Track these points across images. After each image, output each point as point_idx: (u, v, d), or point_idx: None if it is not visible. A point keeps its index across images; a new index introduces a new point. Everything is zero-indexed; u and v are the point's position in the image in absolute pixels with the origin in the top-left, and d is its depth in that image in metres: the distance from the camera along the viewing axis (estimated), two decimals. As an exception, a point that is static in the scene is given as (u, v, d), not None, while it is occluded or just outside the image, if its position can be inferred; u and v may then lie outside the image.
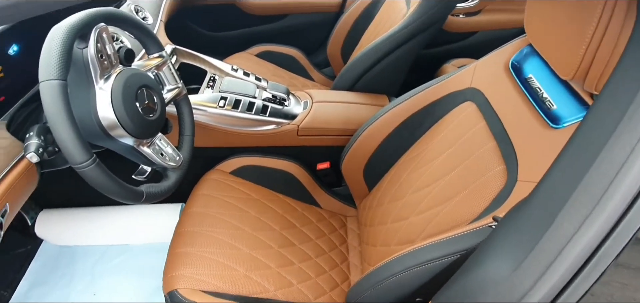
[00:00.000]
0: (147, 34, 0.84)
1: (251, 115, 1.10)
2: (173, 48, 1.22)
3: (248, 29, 1.97)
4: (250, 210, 0.99)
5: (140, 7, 1.24)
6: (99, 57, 0.68)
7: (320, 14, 1.90)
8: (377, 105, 1.21)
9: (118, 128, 0.70)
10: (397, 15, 1.31)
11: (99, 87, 0.69)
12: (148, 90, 0.77)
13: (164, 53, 0.87)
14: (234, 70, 1.27)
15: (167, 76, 0.89)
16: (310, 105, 1.17)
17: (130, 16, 0.79)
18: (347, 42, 1.66)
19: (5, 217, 0.69)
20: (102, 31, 0.69)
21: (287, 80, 1.63)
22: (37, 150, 0.68)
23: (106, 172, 0.65)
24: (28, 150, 0.68)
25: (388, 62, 1.22)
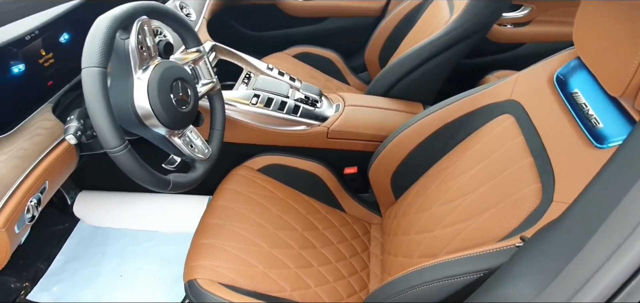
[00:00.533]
0: (186, 28, 0.87)
1: (282, 114, 1.12)
2: (213, 44, 1.26)
3: (288, 29, 2.01)
4: (274, 209, 1.00)
5: (184, 4, 1.29)
6: (139, 48, 0.72)
7: (361, 18, 1.90)
8: (410, 112, 1.18)
9: (152, 117, 0.74)
10: (440, 22, 1.28)
11: (137, 76, 0.73)
12: (183, 82, 0.80)
13: (201, 48, 0.90)
14: (269, 69, 1.29)
15: (203, 70, 0.92)
16: (342, 108, 1.17)
17: (171, 10, 0.82)
18: (386, 47, 1.65)
19: (44, 194, 0.75)
20: (144, 24, 0.73)
21: (322, 83, 1.63)
22: (76, 132, 0.73)
23: (137, 158, 0.68)
24: (67, 132, 0.73)
25: (426, 70, 1.20)
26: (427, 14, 1.45)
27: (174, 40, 1.09)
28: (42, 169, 0.72)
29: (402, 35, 1.56)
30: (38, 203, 0.72)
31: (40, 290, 1.11)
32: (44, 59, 0.79)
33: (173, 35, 1.11)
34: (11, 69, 0.72)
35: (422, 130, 0.91)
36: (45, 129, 0.76)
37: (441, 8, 1.34)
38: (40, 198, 0.73)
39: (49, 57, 0.80)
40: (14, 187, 0.66)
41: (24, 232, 0.71)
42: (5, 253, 0.66)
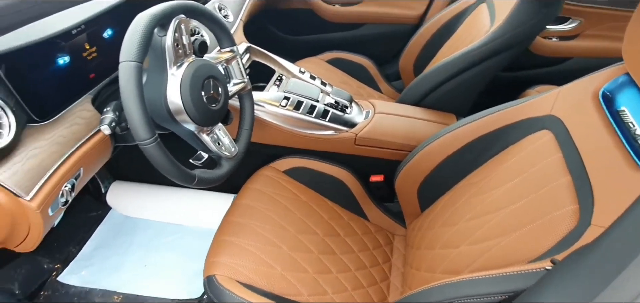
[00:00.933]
0: (221, 28, 0.90)
1: (311, 118, 1.12)
2: (247, 46, 1.29)
3: (323, 34, 2.02)
4: (297, 212, 1.00)
5: (223, 5, 1.33)
6: (175, 45, 0.75)
7: (397, 25, 1.88)
8: (442, 123, 1.15)
9: (182, 113, 0.76)
10: (480, 31, 1.24)
11: (171, 73, 0.76)
12: (214, 81, 0.82)
13: (235, 48, 0.92)
14: (301, 72, 1.30)
15: (235, 70, 0.94)
16: (371, 115, 1.16)
17: (208, 10, 0.85)
18: (422, 55, 1.62)
19: (79, 180, 0.79)
20: (181, 22, 0.76)
21: (354, 89, 1.63)
22: (110, 123, 0.76)
23: (165, 152, 0.70)
24: (103, 122, 0.77)
25: (462, 80, 1.16)
26: (467, 23, 1.41)
27: (210, 41, 1.13)
28: (77, 156, 0.76)
29: (439, 44, 1.52)
30: (72, 189, 0.76)
31: (70, 273, 1.16)
32: (88, 53, 0.84)
33: (210, 35, 1.15)
34: (57, 60, 0.77)
35: (454, 142, 0.89)
36: (83, 119, 0.80)
37: (482, 17, 1.30)
38: (74, 184, 0.76)
39: (93, 51, 0.85)
40: (51, 171, 0.70)
41: (58, 215, 0.75)
42: (39, 234, 0.70)
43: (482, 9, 1.36)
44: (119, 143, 0.90)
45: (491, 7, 1.29)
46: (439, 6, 1.75)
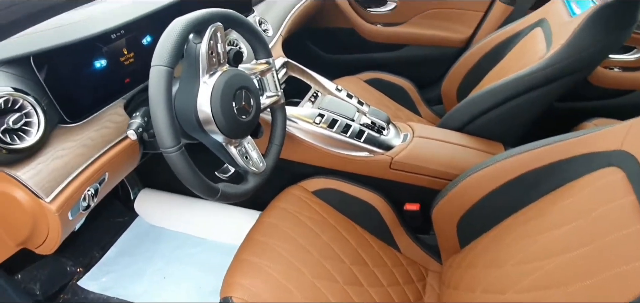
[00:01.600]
0: (258, 39, 0.88)
1: (345, 138, 1.07)
2: (285, 61, 1.27)
3: (362, 54, 1.99)
4: (323, 235, 0.94)
5: (264, 20, 1.33)
6: (209, 53, 0.73)
7: (441, 48, 1.82)
8: (488, 152, 1.07)
9: (211, 123, 0.74)
10: (533, 56, 1.15)
11: (204, 81, 0.74)
12: (247, 92, 0.80)
13: (270, 60, 0.90)
14: (338, 90, 1.27)
15: (269, 83, 0.92)
16: (410, 139, 1.10)
17: (245, 20, 0.83)
18: (467, 80, 1.54)
19: (103, 185, 0.78)
20: (217, 30, 0.74)
21: (392, 111, 1.57)
22: (137, 129, 0.75)
23: (188, 162, 0.68)
24: (130, 127, 0.76)
25: (511, 107, 1.08)
26: (519, 48, 1.32)
27: (247, 52, 1.12)
28: (103, 161, 0.75)
29: (486, 68, 1.44)
30: (95, 194, 0.75)
31: (91, 279, 1.17)
32: (125, 58, 0.84)
33: (247, 47, 1.14)
34: (94, 63, 0.77)
35: (502, 173, 0.80)
36: (113, 123, 0.80)
37: (536, 41, 1.22)
38: (98, 188, 0.75)
39: (130, 57, 0.85)
40: (74, 174, 0.69)
41: (78, 219, 0.74)
42: (57, 237, 0.68)
43: (537, 33, 1.27)
44: (147, 150, 0.89)
45: (547, 31, 1.20)
46: (488, 30, 1.68)
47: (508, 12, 1.63)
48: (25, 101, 0.63)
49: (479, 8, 1.73)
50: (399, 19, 1.86)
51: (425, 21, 1.83)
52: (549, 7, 1.30)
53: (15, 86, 0.63)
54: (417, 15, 1.84)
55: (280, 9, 1.46)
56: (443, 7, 1.78)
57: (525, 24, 1.38)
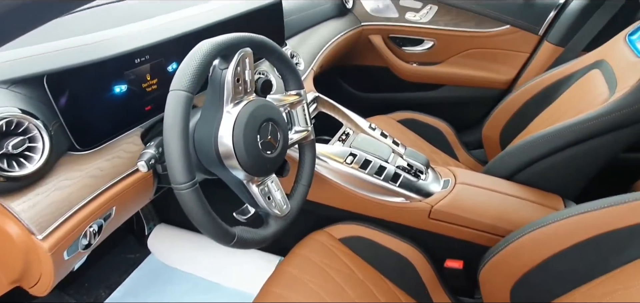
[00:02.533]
0: (289, 68, 0.81)
1: (379, 181, 0.97)
2: (316, 95, 1.21)
3: (396, 93, 1.91)
4: (351, 291, 0.83)
5: (296, 53, 1.29)
6: (235, 80, 0.67)
7: (482, 89, 1.71)
8: (546, 206, 0.93)
9: (232, 157, 0.67)
10: (593, 100, 1.03)
11: (227, 110, 0.67)
12: (274, 125, 0.72)
13: (301, 92, 0.83)
14: (371, 128, 1.18)
15: (298, 117, 0.84)
16: (452, 185, 0.98)
17: (276, 47, 0.77)
18: (511, 124, 1.42)
19: (109, 221, 0.70)
20: (246, 56, 0.68)
21: (428, 154, 1.45)
22: (149, 160, 0.68)
23: (202, 202, 0.60)
24: (141, 158, 0.69)
25: (570, 155, 0.95)
26: (574, 91, 1.20)
27: (276, 83, 1.06)
28: (111, 194, 0.68)
29: (534, 112, 1.32)
30: (99, 231, 0.68)
31: (92, 321, 1.09)
32: (148, 84, 0.79)
33: (278, 79, 1.08)
34: (113, 87, 0.72)
35: (571, 234, 0.67)
36: (127, 153, 0.73)
37: (595, 84, 1.10)
38: (102, 225, 0.68)
39: (153, 83, 0.80)
40: (75, 208, 0.62)
41: (76, 259, 0.66)
42: (49, 279, 0.61)
43: (595, 75, 1.15)
44: (162, 184, 0.82)
45: (609, 73, 1.08)
46: (534, 72, 1.56)
47: (557, 53, 1.51)
48: (31, 124, 0.58)
49: (524, 49, 1.63)
50: (436, 58, 1.78)
51: (465, 61, 1.74)
52: (608, 47, 1.19)
53: (23, 107, 0.58)
54: (456, 55, 1.76)
55: (313, 43, 1.42)
56: (485, 47, 1.69)
57: (580, 66, 1.26)
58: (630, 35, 1.15)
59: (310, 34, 1.44)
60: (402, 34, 1.78)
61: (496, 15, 1.65)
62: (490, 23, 1.66)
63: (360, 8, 1.77)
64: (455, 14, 1.69)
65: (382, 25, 1.77)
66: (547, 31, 1.57)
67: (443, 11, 1.70)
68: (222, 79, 0.67)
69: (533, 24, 1.59)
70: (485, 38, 1.69)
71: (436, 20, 1.72)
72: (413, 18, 1.74)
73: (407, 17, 1.74)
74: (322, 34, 1.48)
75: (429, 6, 1.71)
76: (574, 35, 1.47)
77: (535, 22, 1.59)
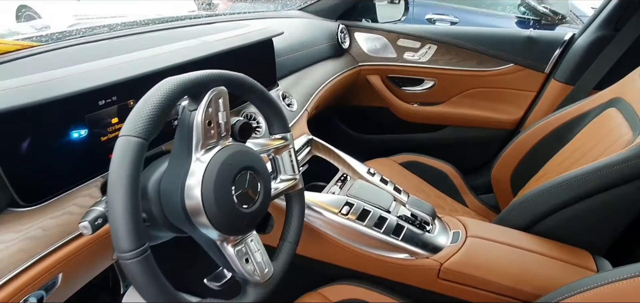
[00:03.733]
0: (272, 109, 0.71)
1: (379, 234, 0.85)
2: (310, 138, 1.11)
3: (397, 135, 1.81)
4: None
5: (288, 94, 1.19)
6: (205, 123, 0.56)
7: (488, 130, 1.61)
8: (575, 265, 0.80)
9: (200, 214, 0.55)
10: (616, 142, 0.92)
11: (197, 157, 0.56)
12: (253, 174, 0.61)
13: (287, 136, 0.72)
14: (370, 174, 1.06)
15: (284, 163, 0.73)
16: (462, 239, 0.85)
17: (255, 85, 0.67)
18: (523, 166, 1.30)
19: (52, 292, 0.57)
20: (219, 96, 0.58)
21: (433, 199, 1.33)
22: (95, 220, 0.55)
23: (153, 274, 0.47)
24: (85, 217, 0.55)
25: (597, 203, 0.82)
26: (590, 131, 1.09)
27: (266, 126, 0.95)
28: (54, 259, 0.56)
29: (546, 154, 1.21)
30: (39, 303, 0.55)
31: None
32: (113, 129, 0.68)
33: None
34: (71, 132, 0.61)
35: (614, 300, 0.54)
36: (81, 208, 0.61)
37: (615, 123, 0.99)
38: (42, 297, 0.55)
39: (119, 128, 0.69)
40: (5, 278, 0.50)
41: None
42: None
43: (613, 114, 1.05)
44: None
45: (629, 112, 0.97)
46: (543, 111, 1.46)
47: (567, 91, 1.42)
48: None
49: (530, 87, 1.54)
50: (438, 98, 1.69)
51: (468, 101, 1.65)
52: (624, 84, 1.09)
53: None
54: (458, 95, 1.67)
55: (308, 84, 1.33)
56: (489, 86, 1.60)
57: (593, 105, 1.16)
58: (648, 71, 1.06)
59: (305, 75, 1.36)
60: (401, 74, 1.70)
61: (498, 54, 1.57)
62: (493, 62, 1.58)
63: (357, 48, 1.71)
64: (455, 53, 1.62)
65: (380, 66, 1.70)
66: (553, 69, 1.49)
67: (443, 50, 1.63)
68: (191, 122, 0.56)
69: (538, 62, 1.51)
70: (488, 77, 1.61)
71: (436, 60, 1.64)
72: (412, 58, 1.66)
73: (406, 57, 1.67)
74: (317, 74, 1.40)
75: (428, 46, 1.64)
76: (583, 73, 1.38)
77: (540, 59, 1.51)
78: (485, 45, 1.57)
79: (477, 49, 1.58)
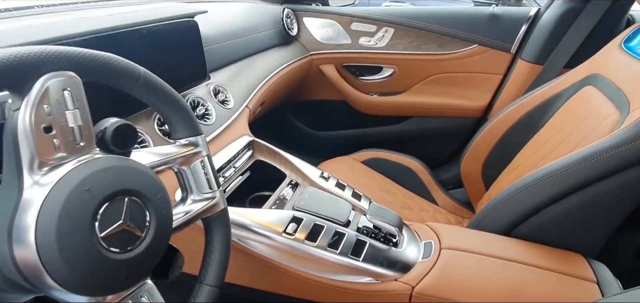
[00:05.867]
0: (169, 104, 0.51)
1: (334, 256, 0.69)
2: (251, 140, 0.93)
3: (357, 130, 1.66)
4: None
5: (222, 88, 1.01)
6: (40, 128, 0.37)
7: (454, 119, 1.49)
8: (569, 275, 0.67)
9: (39, 272, 0.36)
10: (599, 125, 0.81)
11: (34, 180, 0.37)
12: (135, 201, 0.41)
13: (198, 140, 0.54)
14: (324, 178, 0.90)
15: (196, 177, 0.54)
16: (436, 252, 0.71)
17: (131, 68, 0.46)
18: (493, 157, 1.19)
19: None
20: (64, 86, 0.39)
21: (400, 200, 1.19)
22: None
23: None
24: None
25: (585, 199, 0.70)
26: (566, 113, 0.99)
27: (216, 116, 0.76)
28: None
29: (519, 142, 1.11)
30: None
31: None
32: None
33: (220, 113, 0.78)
34: None
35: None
36: None
37: (595, 104, 0.88)
38: None
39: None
40: None
41: None
42: None
43: (589, 93, 0.95)
44: None
45: (610, 89, 0.87)
46: (511, 95, 1.36)
47: (536, 72, 1.32)
48: None
49: (496, 70, 1.44)
50: (398, 86, 1.56)
51: (431, 88, 1.53)
52: (599, 60, 1.00)
53: None
54: (420, 82, 1.54)
55: (249, 76, 1.15)
56: (452, 71, 1.49)
57: (566, 84, 1.06)
58: (627, 42, 0.96)
59: (246, 66, 1.17)
60: (357, 61, 1.55)
61: (460, 35, 1.46)
62: (454, 43, 1.47)
63: (308, 35, 1.54)
64: (414, 36, 1.49)
65: (333, 54, 1.54)
66: (520, 48, 1.39)
67: (400, 33, 1.50)
68: (15, 127, 0.37)
69: (503, 41, 1.41)
70: (451, 61, 1.49)
71: (394, 44, 1.51)
72: (368, 43, 1.52)
73: (361, 43, 1.52)
74: (260, 65, 1.22)
75: (385, 29, 1.50)
76: (552, 51, 1.29)
77: (505, 39, 1.41)
78: (445, 26, 1.45)
79: (437, 29, 1.46)
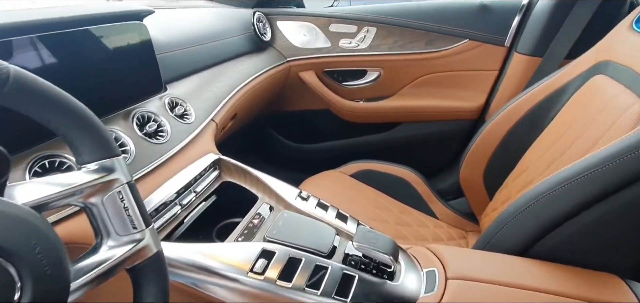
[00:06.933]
0: (64, 115, 0.38)
1: (315, 298, 0.56)
2: (217, 158, 0.81)
3: (344, 140, 1.55)
4: None
5: (181, 100, 0.88)
6: None
7: (449, 122, 1.38)
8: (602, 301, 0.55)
9: None
10: (619, 117, 0.71)
11: None
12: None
13: (113, 163, 0.41)
14: (302, 198, 0.78)
15: (113, 215, 0.41)
16: (442, 283, 0.59)
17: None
18: (496, 161, 1.09)
19: None
20: None
21: (395, 215, 1.08)
22: None
23: None
24: None
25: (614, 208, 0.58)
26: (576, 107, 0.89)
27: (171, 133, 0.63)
28: None
29: (522, 143, 1.01)
30: None
31: None
32: None
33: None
34: None
35: None
36: None
37: (611, 94, 0.78)
38: None
39: None
40: None
41: None
42: None
43: (600, 83, 0.85)
44: None
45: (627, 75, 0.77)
46: (509, 92, 1.26)
47: (535, 65, 1.23)
48: None
49: (491, 65, 1.34)
50: (386, 90, 1.46)
51: (421, 90, 1.43)
52: (607, 45, 0.90)
53: None
54: (409, 84, 1.44)
55: (215, 86, 1.03)
56: (443, 70, 1.39)
57: (572, 75, 0.97)
58: (638, 23, 0.86)
59: (213, 76, 1.06)
60: (339, 66, 1.45)
61: (449, 30, 1.36)
62: (443, 40, 1.37)
63: (283, 40, 1.43)
64: (399, 35, 1.39)
65: (312, 59, 1.43)
66: (514, 40, 1.29)
67: (383, 33, 1.39)
68: None
69: (496, 35, 1.31)
70: (440, 59, 1.39)
71: (378, 45, 1.40)
72: (349, 46, 1.41)
73: (342, 45, 1.42)
74: (229, 74, 1.10)
75: (366, 29, 1.40)
76: (551, 41, 1.20)
77: (497, 31, 1.31)
78: (432, 21, 1.35)
79: (423, 26, 1.36)
